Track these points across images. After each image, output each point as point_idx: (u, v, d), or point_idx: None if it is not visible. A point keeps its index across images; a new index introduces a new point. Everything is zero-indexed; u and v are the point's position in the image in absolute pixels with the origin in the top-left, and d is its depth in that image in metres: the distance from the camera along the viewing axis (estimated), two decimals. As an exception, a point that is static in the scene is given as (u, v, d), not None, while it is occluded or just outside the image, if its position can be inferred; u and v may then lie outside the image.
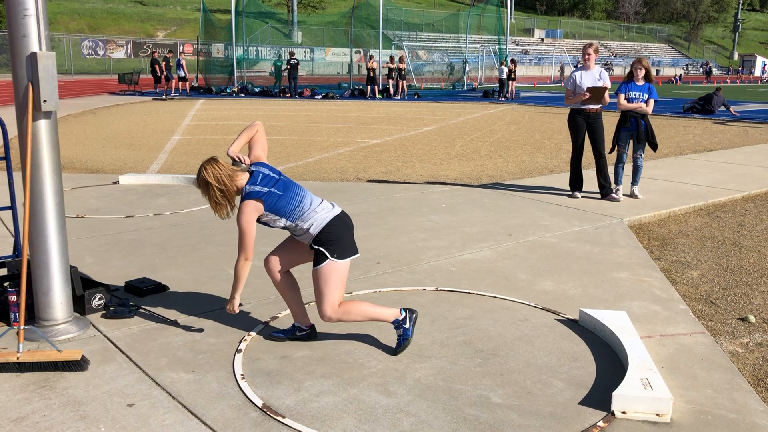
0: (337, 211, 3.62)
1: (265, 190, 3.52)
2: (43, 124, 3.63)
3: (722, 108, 21.12)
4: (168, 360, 3.54)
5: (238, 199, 3.59)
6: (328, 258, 3.51)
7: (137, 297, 4.44)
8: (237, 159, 3.67)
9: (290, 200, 3.54)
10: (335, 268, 3.52)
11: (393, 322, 3.65)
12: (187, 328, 3.95)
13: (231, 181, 3.55)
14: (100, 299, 4.14)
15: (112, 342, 3.75)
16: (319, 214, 3.55)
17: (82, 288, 4.09)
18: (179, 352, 3.64)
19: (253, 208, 3.49)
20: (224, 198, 3.55)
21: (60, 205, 3.77)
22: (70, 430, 2.86)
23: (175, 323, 4.01)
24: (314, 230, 3.52)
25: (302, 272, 4.92)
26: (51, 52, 3.61)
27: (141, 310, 4.19)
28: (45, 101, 3.57)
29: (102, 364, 3.48)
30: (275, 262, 3.71)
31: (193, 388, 3.25)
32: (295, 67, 27.63)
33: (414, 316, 3.69)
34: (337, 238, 3.53)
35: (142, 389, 3.23)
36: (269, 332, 3.87)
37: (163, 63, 27.36)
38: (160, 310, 4.21)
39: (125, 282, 4.62)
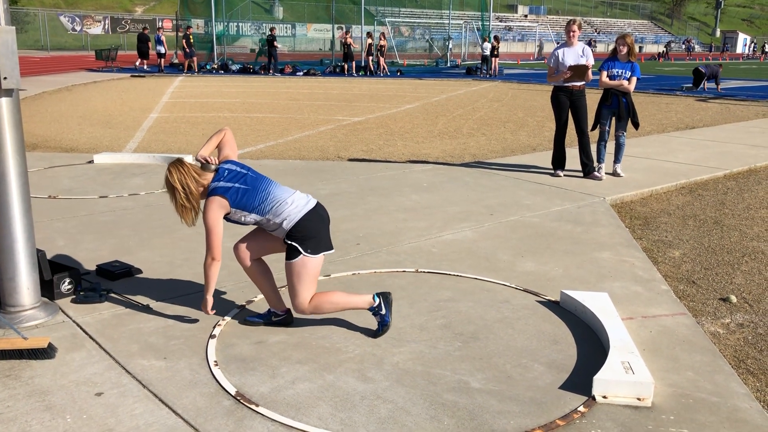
0: (311, 204, 3.50)
1: (230, 185, 3.40)
2: (3, 103, 3.47)
3: (712, 81, 20.91)
4: (139, 346, 3.44)
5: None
6: (300, 254, 3.40)
7: (109, 281, 4.32)
8: (206, 161, 3.53)
9: (258, 194, 3.42)
10: (308, 264, 3.41)
11: (369, 310, 3.57)
12: (159, 313, 3.84)
13: (196, 183, 3.43)
14: (69, 284, 4.01)
15: (81, 328, 3.64)
16: (291, 207, 3.43)
17: (50, 272, 3.96)
18: (151, 338, 3.54)
19: (218, 205, 3.37)
20: (189, 201, 3.43)
21: (24, 186, 3.62)
22: (35, 421, 2.76)
23: (147, 308, 3.90)
24: (287, 225, 3.41)
25: (277, 260, 4.82)
26: (11, 26, 3.44)
27: (112, 294, 4.07)
28: (5, 78, 3.41)
29: (70, 351, 3.37)
30: (244, 250, 3.59)
31: (164, 375, 3.16)
32: (273, 43, 27.15)
33: (389, 299, 3.60)
34: (311, 233, 3.42)
35: (112, 377, 3.13)
36: (244, 317, 3.78)
37: (184, 41, 26.64)
38: (132, 295, 4.09)
39: (97, 265, 4.49)
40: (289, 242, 3.42)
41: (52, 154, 8.86)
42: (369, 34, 28.12)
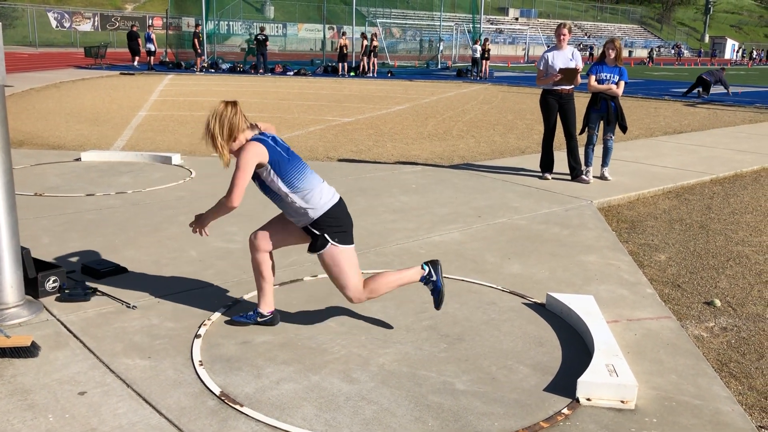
0: (337, 197, 3.51)
1: (273, 144, 3.38)
2: (-11, 99, 3.44)
3: (719, 85, 21.07)
4: (124, 346, 3.42)
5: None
6: (328, 242, 3.39)
7: (94, 279, 4.29)
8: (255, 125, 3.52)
9: (294, 167, 3.39)
10: (342, 254, 3.42)
11: (420, 280, 3.57)
12: (144, 312, 3.83)
13: (238, 128, 3.34)
14: (54, 282, 3.99)
15: (65, 326, 3.61)
16: (319, 196, 3.41)
17: (34, 270, 3.93)
18: (136, 337, 3.52)
19: (256, 151, 3.30)
20: (222, 136, 3.32)
21: (9, 183, 3.59)
22: (17, 420, 2.74)
23: (132, 307, 3.88)
24: (314, 214, 3.39)
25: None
26: (-3, 22, 3.41)
27: (98, 293, 4.05)
28: (-9, 74, 3.38)
29: (54, 350, 3.35)
30: (264, 239, 3.54)
31: (148, 375, 3.14)
32: (263, 42, 27.07)
33: (438, 266, 3.60)
34: (338, 225, 3.42)
35: (95, 377, 3.11)
36: (231, 317, 3.76)
37: (196, 40, 26.41)
38: (117, 293, 4.07)
39: (82, 264, 4.47)
40: (315, 231, 3.39)
41: (38, 152, 8.80)
42: (363, 35, 28.11)
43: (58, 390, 2.98)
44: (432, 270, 3.58)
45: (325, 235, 3.40)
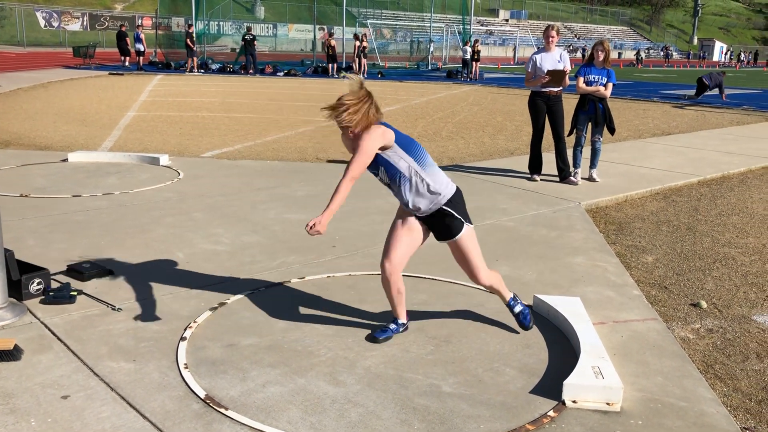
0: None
1: (396, 129, 3.37)
2: (-28, 100, 3.40)
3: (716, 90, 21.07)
4: (108, 348, 3.40)
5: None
6: (464, 223, 3.39)
7: (80, 281, 4.26)
8: None
9: (418, 146, 3.38)
10: (473, 234, 3.44)
11: (509, 302, 3.65)
12: (130, 314, 3.80)
13: (376, 111, 3.27)
14: (38, 284, 3.95)
15: (49, 329, 3.58)
16: (441, 174, 3.41)
17: (18, 272, 3.89)
18: (121, 339, 3.50)
19: (382, 133, 3.24)
20: (358, 112, 3.21)
21: (-7, 185, 3.56)
22: (-1, 425, 2.71)
23: (117, 309, 3.85)
24: (448, 192, 3.36)
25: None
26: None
27: (83, 295, 4.02)
28: (-26, 75, 3.34)
29: (37, 353, 3.32)
30: (400, 261, 3.41)
31: (133, 378, 3.12)
32: (251, 42, 26.97)
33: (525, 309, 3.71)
34: (463, 205, 3.45)
35: (79, 380, 3.08)
36: (371, 336, 3.58)
37: (188, 40, 26.10)
38: (103, 296, 4.04)
39: (67, 265, 4.43)
40: (452, 211, 3.36)
41: (25, 152, 8.74)
42: (355, 36, 28.05)
43: (41, 394, 2.95)
44: (516, 297, 3.67)
45: (459, 216, 3.38)
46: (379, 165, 3.34)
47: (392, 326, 3.63)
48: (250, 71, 26.91)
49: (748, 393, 3.27)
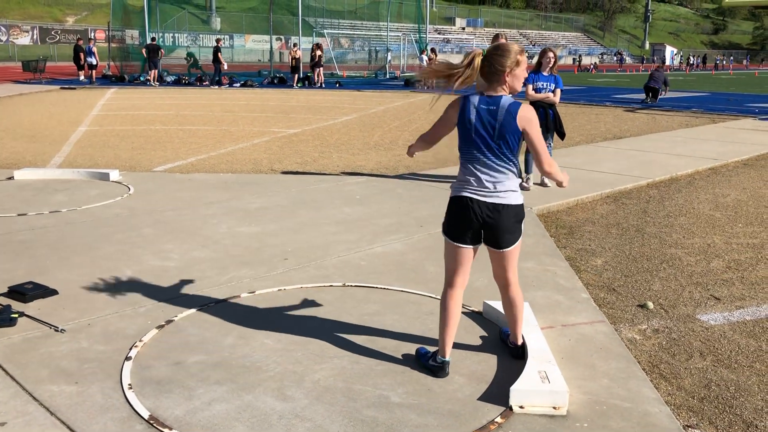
0: None
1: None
2: None
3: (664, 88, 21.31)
4: (49, 371, 3.31)
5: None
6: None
7: (21, 303, 4.14)
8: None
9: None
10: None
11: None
12: (74, 335, 3.71)
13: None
14: (-23, 307, 3.83)
15: (-12, 354, 3.47)
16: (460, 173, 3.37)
17: (-45, 296, 3.77)
18: (63, 362, 3.41)
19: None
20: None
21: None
22: (-70, 456, 2.61)
23: (61, 330, 3.75)
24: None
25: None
26: None
27: (24, 317, 3.91)
28: None
29: (-26, 379, 3.21)
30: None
31: (74, 401, 3.04)
32: (215, 53, 26.70)
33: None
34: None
35: (17, 405, 2.99)
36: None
37: (144, 50, 25.80)
38: (46, 317, 3.93)
39: (8, 287, 4.31)
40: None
41: (-31, 170, 8.49)
42: (316, 45, 27.89)
43: (-23, 421, 2.86)
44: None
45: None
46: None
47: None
48: (206, 83, 26.61)
49: (691, 391, 3.34)
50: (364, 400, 3.10)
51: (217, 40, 27.79)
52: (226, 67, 27.57)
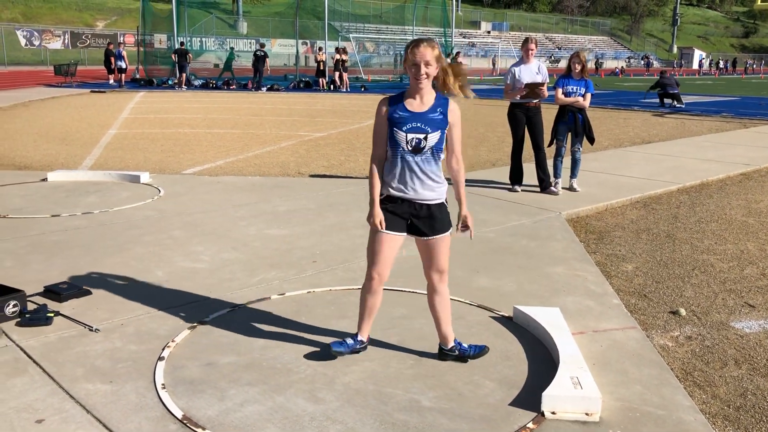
0: None
1: None
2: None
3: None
4: (85, 370, 3.36)
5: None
6: (451, 224, 3.54)
7: (57, 302, 4.21)
8: None
9: None
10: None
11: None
12: (108, 335, 3.76)
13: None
14: (14, 306, 3.91)
15: (25, 352, 3.54)
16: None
17: (-7, 295, 3.85)
18: (98, 361, 3.46)
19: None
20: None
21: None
22: (-29, 451, 2.67)
23: (95, 330, 3.81)
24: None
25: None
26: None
27: (60, 316, 3.98)
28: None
29: (12, 376, 3.27)
30: (387, 270, 3.56)
31: (109, 400, 3.08)
32: (263, 58, 26.90)
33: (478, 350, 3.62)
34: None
35: (54, 403, 3.04)
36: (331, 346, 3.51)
37: (174, 55, 26.10)
38: (80, 316, 4.00)
39: (44, 286, 4.39)
40: (443, 208, 3.59)
41: (3, 172, 8.66)
42: (337, 50, 28.04)
43: (15, 418, 2.91)
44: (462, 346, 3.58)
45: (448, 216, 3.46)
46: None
47: (350, 341, 3.56)
48: (256, 87, 26.78)
49: (727, 400, 3.29)
50: (394, 403, 3.10)
51: (262, 45, 28.01)
52: (269, 72, 27.83)
